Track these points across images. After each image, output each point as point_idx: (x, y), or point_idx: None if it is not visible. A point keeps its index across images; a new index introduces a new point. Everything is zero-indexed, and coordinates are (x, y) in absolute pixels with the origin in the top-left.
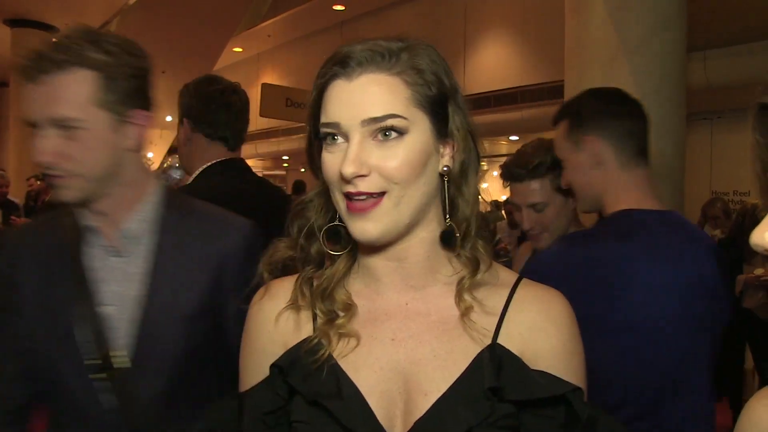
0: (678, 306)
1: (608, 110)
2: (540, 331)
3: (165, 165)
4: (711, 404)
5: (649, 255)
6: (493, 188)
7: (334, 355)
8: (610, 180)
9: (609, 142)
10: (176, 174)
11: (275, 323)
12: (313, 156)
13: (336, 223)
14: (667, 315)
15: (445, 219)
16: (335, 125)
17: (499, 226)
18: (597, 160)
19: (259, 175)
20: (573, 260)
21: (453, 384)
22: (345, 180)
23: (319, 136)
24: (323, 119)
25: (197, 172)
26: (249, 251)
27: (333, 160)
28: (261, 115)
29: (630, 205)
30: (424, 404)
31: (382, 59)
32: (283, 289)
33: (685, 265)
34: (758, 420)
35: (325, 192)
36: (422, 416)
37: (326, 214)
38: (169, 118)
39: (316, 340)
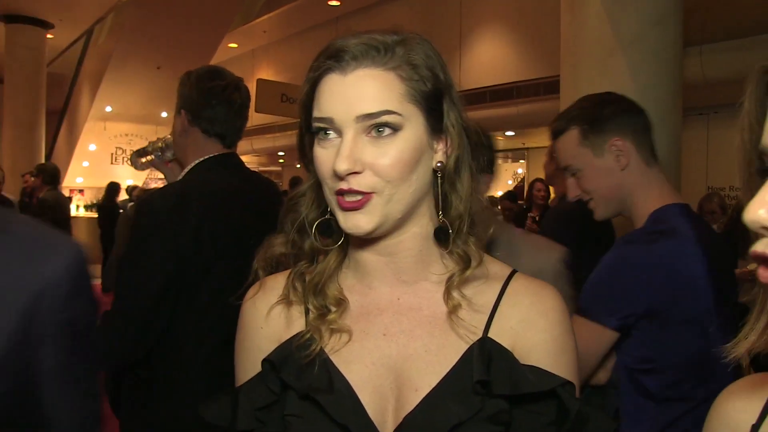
0: (721, 292)
1: (623, 109)
2: (531, 324)
3: (160, 144)
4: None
5: (705, 247)
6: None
7: (326, 349)
8: (639, 179)
9: (632, 141)
10: (171, 154)
11: (268, 318)
12: (305, 149)
13: (328, 216)
14: (716, 302)
15: (438, 216)
16: (329, 120)
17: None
18: (625, 161)
19: (255, 171)
20: (644, 260)
21: (443, 379)
22: (338, 176)
23: (311, 129)
24: (316, 114)
25: (190, 167)
26: (75, 283)
27: (326, 156)
28: (256, 111)
29: (665, 201)
30: (414, 399)
31: (377, 53)
32: (277, 285)
33: (721, 254)
34: (724, 414)
35: (317, 185)
36: (412, 411)
37: (318, 207)
38: (164, 114)
39: (308, 335)
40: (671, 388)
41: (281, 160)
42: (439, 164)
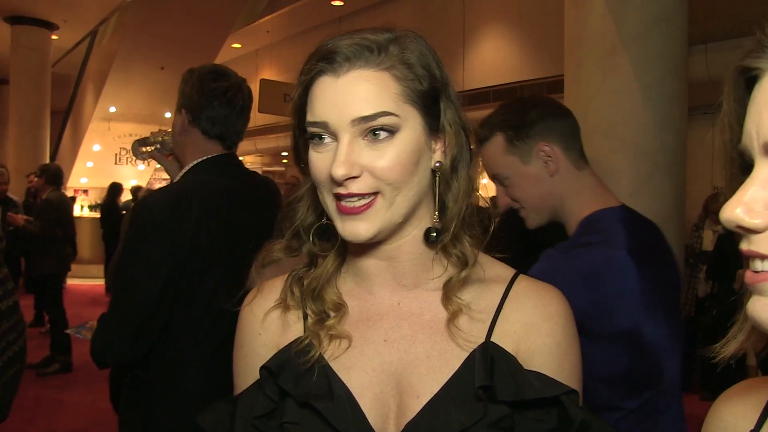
0: (665, 301)
1: (547, 113)
2: (535, 328)
3: (161, 138)
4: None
5: (638, 256)
6: (492, 183)
7: (326, 356)
8: (569, 185)
9: (560, 145)
10: (171, 146)
11: (265, 324)
12: (299, 152)
13: (325, 221)
14: (659, 312)
15: (435, 216)
16: (323, 125)
17: (498, 221)
18: (554, 167)
19: (259, 172)
20: (571, 273)
21: (445, 385)
22: (335, 182)
23: (305, 133)
24: (310, 118)
25: (188, 167)
26: None
27: (322, 161)
28: (259, 111)
29: (598, 205)
30: (416, 406)
31: (370, 54)
32: (275, 290)
33: (664, 260)
34: (722, 419)
35: (314, 189)
36: (414, 418)
37: (315, 211)
38: (168, 114)
39: (306, 341)
40: (597, 400)
41: (285, 161)
42: (437, 164)
